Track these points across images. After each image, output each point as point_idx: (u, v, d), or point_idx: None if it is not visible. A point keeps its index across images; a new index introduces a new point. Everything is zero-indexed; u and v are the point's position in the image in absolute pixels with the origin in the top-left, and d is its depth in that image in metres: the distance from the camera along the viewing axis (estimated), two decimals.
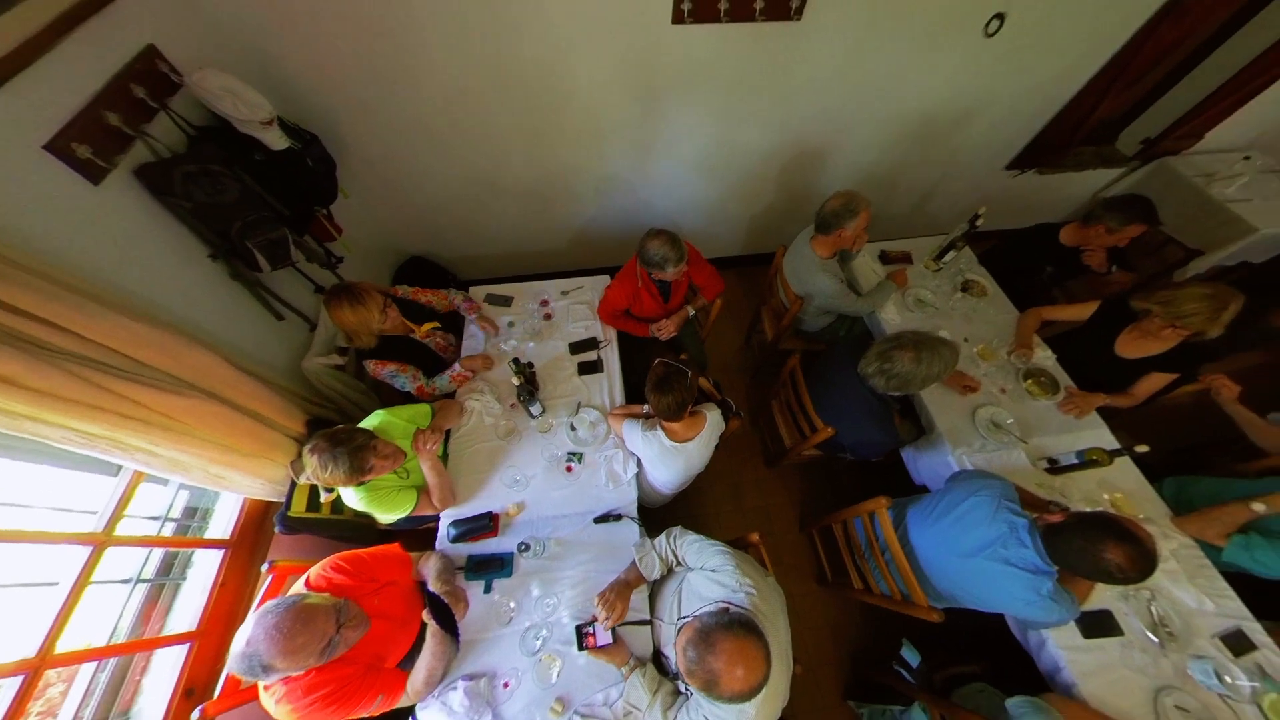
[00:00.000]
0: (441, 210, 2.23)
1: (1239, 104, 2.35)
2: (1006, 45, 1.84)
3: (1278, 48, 2.09)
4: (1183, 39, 2.00)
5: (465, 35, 1.52)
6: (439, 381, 1.61)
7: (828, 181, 2.43)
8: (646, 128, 1.97)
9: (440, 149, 1.91)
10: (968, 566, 1.23)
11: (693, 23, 1.57)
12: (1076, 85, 2.13)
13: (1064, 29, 1.85)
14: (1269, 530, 1.28)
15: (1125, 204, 1.71)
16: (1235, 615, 1.27)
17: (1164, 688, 1.17)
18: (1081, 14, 1.80)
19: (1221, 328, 1.36)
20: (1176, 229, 2.51)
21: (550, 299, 1.93)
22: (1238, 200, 2.44)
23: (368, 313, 1.39)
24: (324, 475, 1.10)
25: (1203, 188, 2.51)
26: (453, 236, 2.42)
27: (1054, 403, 1.64)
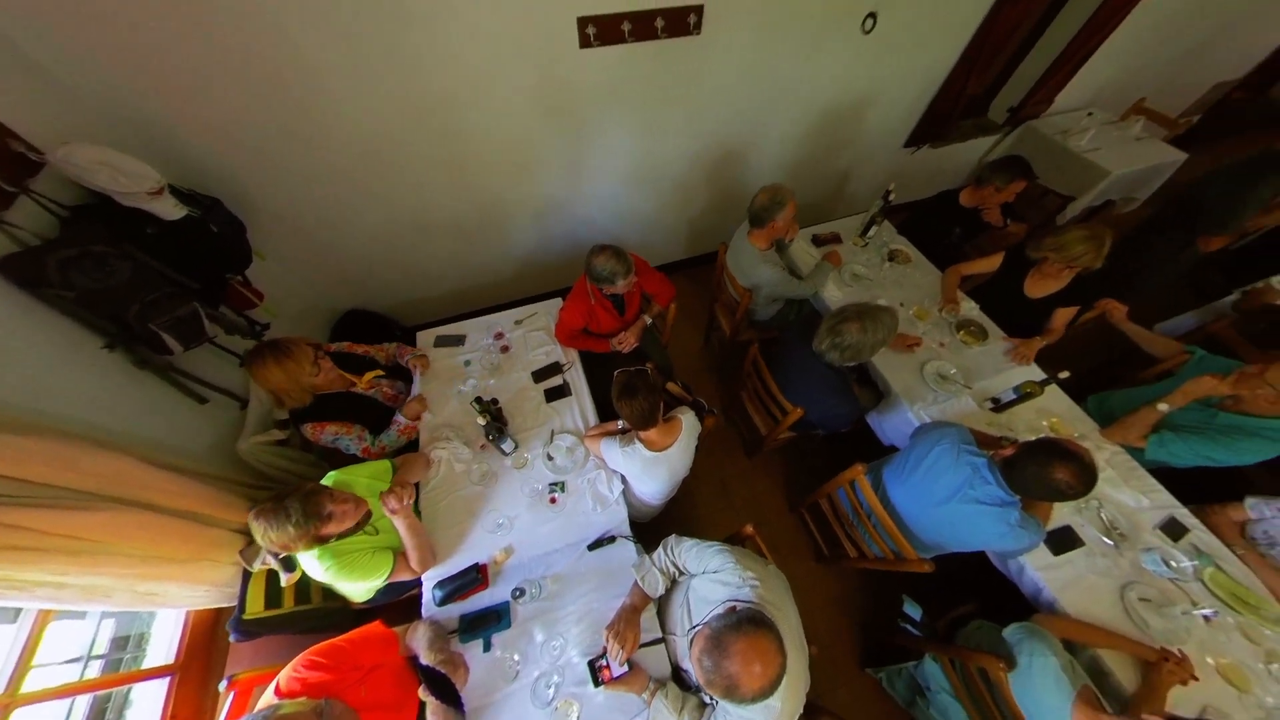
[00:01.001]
0: (372, 258, 2.12)
1: (1075, 69, 2.75)
2: (883, 40, 2.06)
3: (1096, 18, 2.48)
4: (1021, 19, 2.33)
5: (368, 77, 1.48)
6: (386, 439, 1.51)
7: (753, 178, 2.56)
8: (574, 149, 2.00)
9: (361, 195, 1.83)
10: (944, 513, 1.31)
11: (600, 45, 1.62)
12: (946, 68, 2.41)
13: (926, 22, 2.10)
14: (1176, 425, 1.46)
15: (1006, 164, 1.94)
16: (1166, 505, 1.44)
17: (1127, 584, 1.30)
18: (937, 8, 2.06)
19: (1103, 259, 1.57)
20: (1050, 180, 2.88)
21: (505, 331, 1.88)
22: (1090, 150, 2.84)
23: (297, 366, 1.28)
24: (276, 536, 0.97)
25: (1062, 143, 2.91)
26: (388, 283, 2.31)
27: (986, 349, 1.81)
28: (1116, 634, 1.22)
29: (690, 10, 1.64)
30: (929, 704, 1.46)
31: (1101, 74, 2.90)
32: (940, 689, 1.40)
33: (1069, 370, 1.55)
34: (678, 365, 2.24)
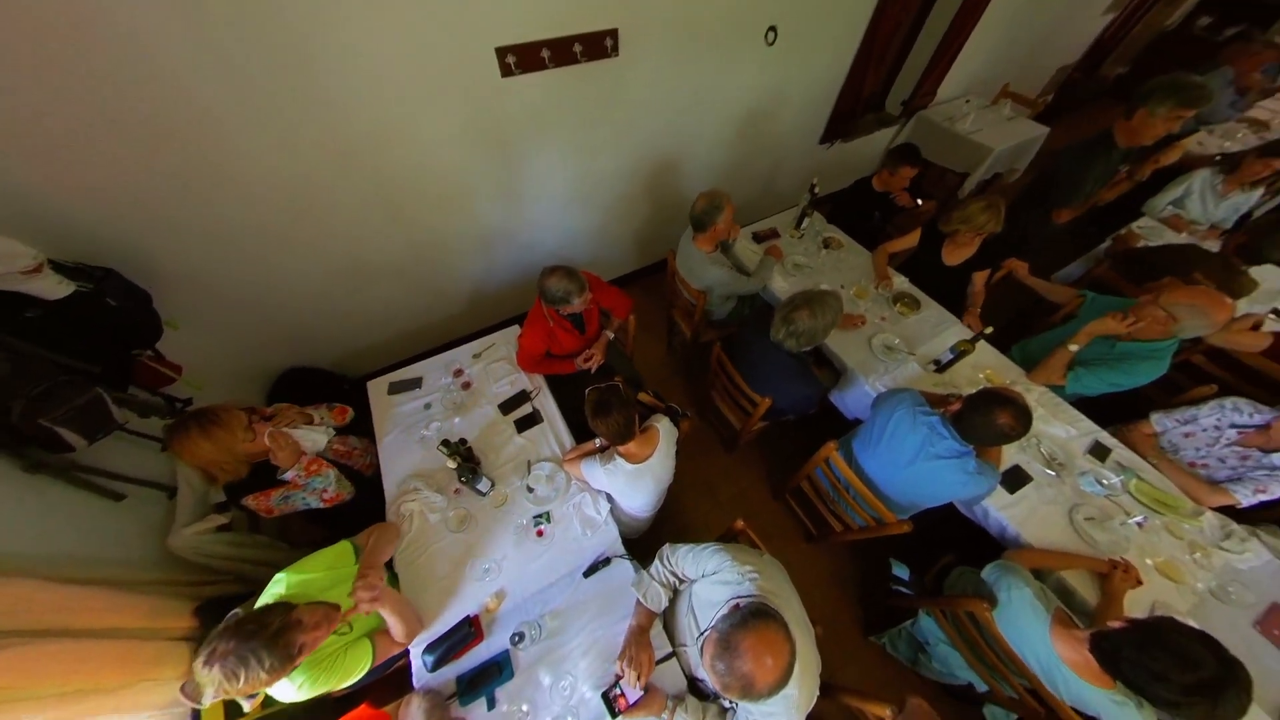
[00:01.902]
0: (306, 311, 1.98)
1: (949, 64, 3.12)
2: (785, 50, 2.24)
3: (958, 19, 2.84)
4: (899, 24, 2.62)
5: (279, 125, 1.40)
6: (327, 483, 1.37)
7: (689, 185, 2.67)
8: (510, 176, 1.99)
9: (285, 247, 1.71)
10: (911, 473, 1.40)
11: (521, 73, 1.64)
12: (843, 71, 2.66)
13: (820, 31, 2.31)
14: (1086, 360, 1.66)
15: (895, 152, 2.17)
16: (1090, 432, 1.62)
17: (1072, 508, 1.44)
18: (826, 18, 2.28)
19: (1002, 224, 1.78)
20: (946, 161, 3.25)
21: (463, 367, 1.82)
22: (974, 131, 3.23)
23: (228, 435, 1.14)
24: (239, 686, 0.82)
25: (949, 128, 3.28)
26: (328, 335, 2.16)
27: (922, 317, 1.97)
28: (1073, 555, 1.35)
29: (605, 34, 1.71)
30: (930, 658, 1.53)
31: (971, 66, 3.33)
32: (938, 641, 1.47)
33: (991, 325, 1.73)
34: (645, 374, 2.25)
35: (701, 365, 2.10)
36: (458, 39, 1.48)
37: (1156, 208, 2.52)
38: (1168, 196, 2.50)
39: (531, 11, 1.53)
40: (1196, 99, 1.63)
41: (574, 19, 1.62)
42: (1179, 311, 1.45)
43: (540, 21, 1.57)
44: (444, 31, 1.44)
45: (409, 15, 1.36)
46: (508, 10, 1.49)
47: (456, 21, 1.44)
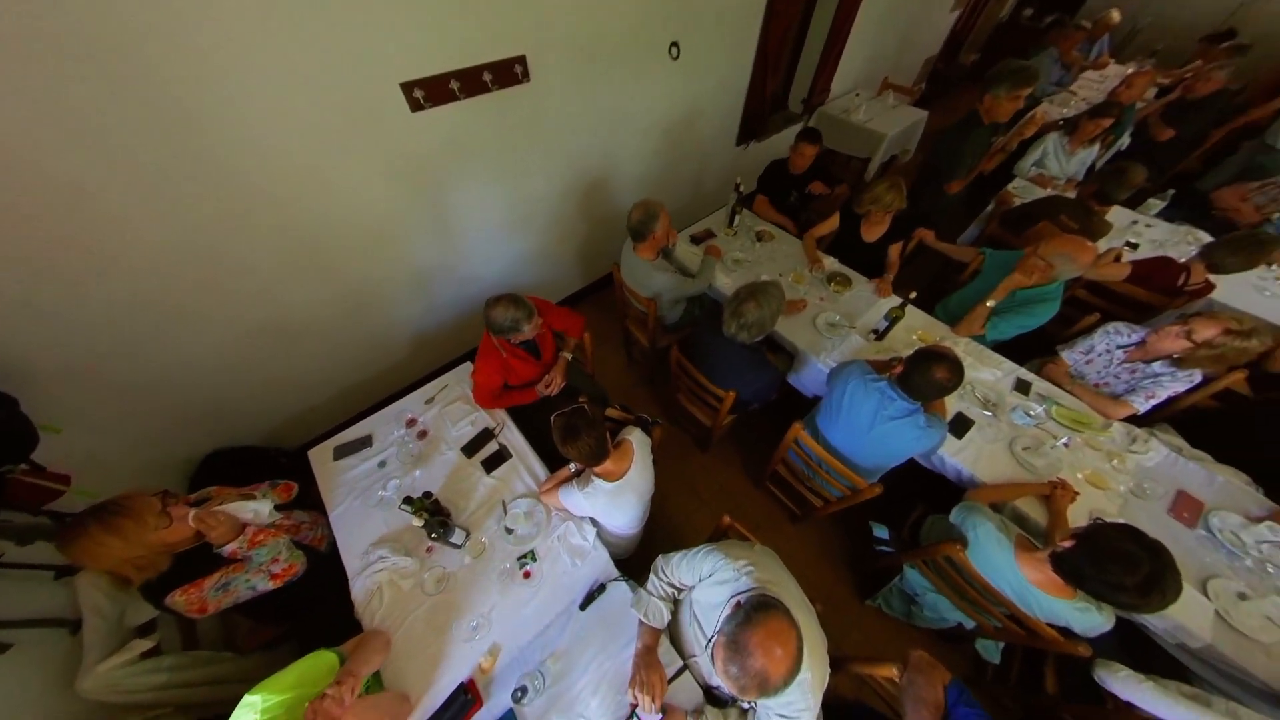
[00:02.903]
0: (223, 385, 1.77)
1: (836, 63, 3.45)
2: (690, 63, 2.36)
3: (836, 23, 3.15)
4: (787, 29, 2.86)
5: (165, 191, 1.26)
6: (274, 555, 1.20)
7: (622, 198, 2.72)
8: (437, 211, 1.92)
9: (186, 320, 1.53)
10: (872, 437, 1.49)
11: (432, 107, 1.60)
12: (745, 78, 2.85)
13: (716, 44, 2.47)
14: (1001, 310, 1.86)
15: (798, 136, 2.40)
16: (1012, 371, 1.82)
17: (1011, 441, 1.60)
18: (721, 33, 2.43)
19: (906, 200, 1.98)
20: (849, 148, 3.55)
21: (416, 415, 1.70)
22: (867, 120, 3.58)
23: (136, 524, 0.97)
24: None
25: (846, 119, 3.61)
26: (255, 408, 1.94)
27: (855, 292, 2.12)
28: (1019, 484, 1.49)
29: (514, 61, 1.71)
30: (922, 607, 1.62)
31: (854, 64, 3.70)
32: (925, 590, 1.56)
33: (915, 290, 1.90)
34: (609, 388, 2.23)
35: (663, 371, 2.12)
36: (358, 80, 1.41)
37: (1024, 169, 2.91)
38: (1030, 159, 2.90)
39: (434, 44, 1.50)
40: (1027, 80, 1.93)
41: (480, 49, 1.61)
42: (1054, 259, 1.67)
43: (444, 54, 1.54)
44: (341, 74, 1.37)
45: (299, 62, 1.28)
46: (409, 45, 1.45)
47: (353, 62, 1.38)
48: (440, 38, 1.50)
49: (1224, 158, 3.29)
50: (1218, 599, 1.26)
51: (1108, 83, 3.82)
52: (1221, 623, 1.23)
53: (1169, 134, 3.07)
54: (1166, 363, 1.59)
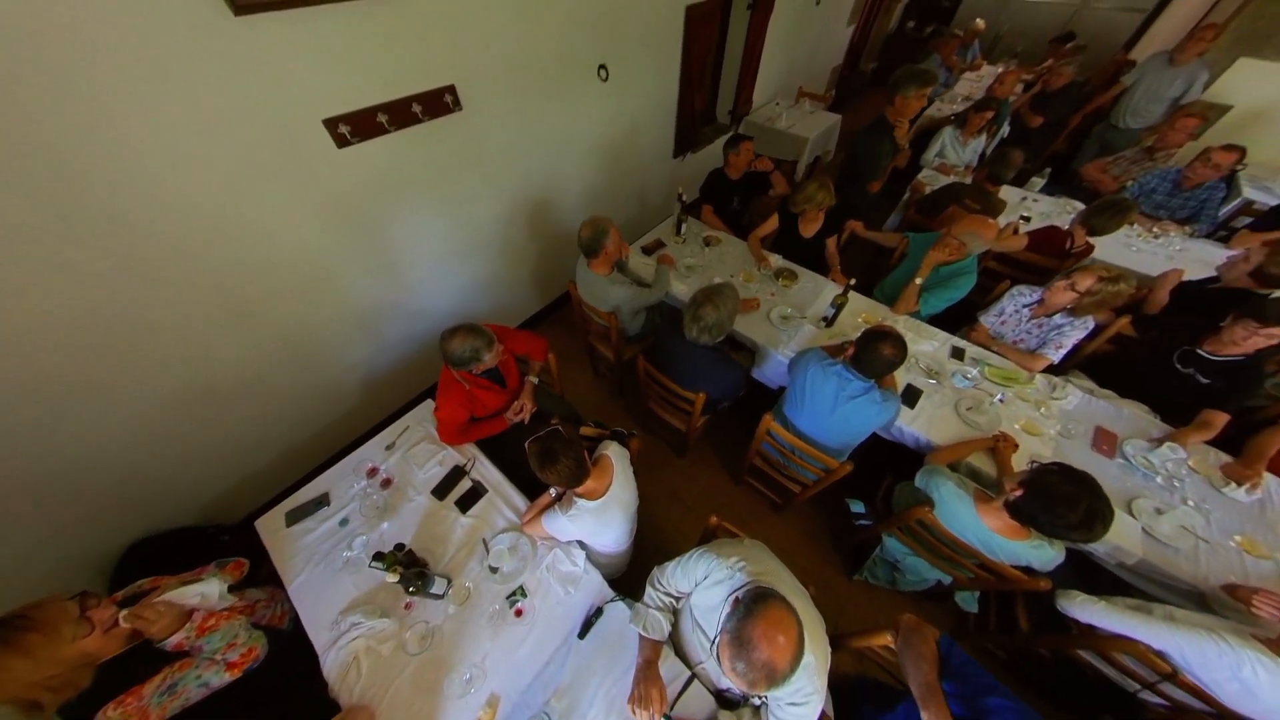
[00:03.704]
0: (144, 462, 1.57)
1: (755, 76, 3.70)
2: (620, 83, 2.45)
3: (749, 40, 3.39)
4: (706, 49, 3.04)
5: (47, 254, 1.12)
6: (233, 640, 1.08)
7: (570, 216, 2.73)
8: (377, 247, 1.84)
9: (96, 394, 1.35)
10: (836, 418, 1.58)
11: (360, 141, 1.55)
12: (674, 94, 2.99)
13: (642, 65, 2.58)
14: (930, 286, 2.05)
15: (727, 143, 2.51)
16: (946, 340, 1.99)
17: (955, 404, 1.74)
18: (647, 51, 2.55)
19: (834, 197, 2.15)
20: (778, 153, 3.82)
21: (377, 464, 1.59)
22: (790, 126, 3.85)
23: (48, 639, 0.84)
24: None
25: (771, 126, 3.87)
26: (186, 481, 1.74)
27: (801, 285, 2.25)
28: (969, 441, 1.62)
29: (444, 91, 1.69)
30: (904, 572, 1.71)
31: (771, 75, 3.98)
32: (904, 555, 1.65)
33: (854, 277, 2.05)
34: (581, 407, 2.21)
35: (632, 382, 2.13)
36: (274, 119, 1.34)
37: (928, 160, 3.26)
38: (932, 151, 3.25)
39: (357, 78, 1.46)
40: (928, 81, 2.20)
41: (406, 80, 1.58)
42: (965, 238, 1.89)
43: (369, 87, 1.50)
44: (255, 113, 1.30)
45: (205, 103, 1.20)
46: (330, 80, 1.40)
47: (268, 101, 1.31)
48: (364, 71, 1.46)
49: (1083, 139, 3.85)
50: (1141, 517, 1.43)
51: (984, 81, 4.38)
52: (1147, 537, 1.39)
53: (1038, 121, 3.56)
54: (1064, 314, 1.82)
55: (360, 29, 1.39)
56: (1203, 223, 2.69)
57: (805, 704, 0.93)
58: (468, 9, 1.62)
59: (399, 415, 1.75)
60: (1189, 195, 2.68)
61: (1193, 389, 1.71)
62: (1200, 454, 1.59)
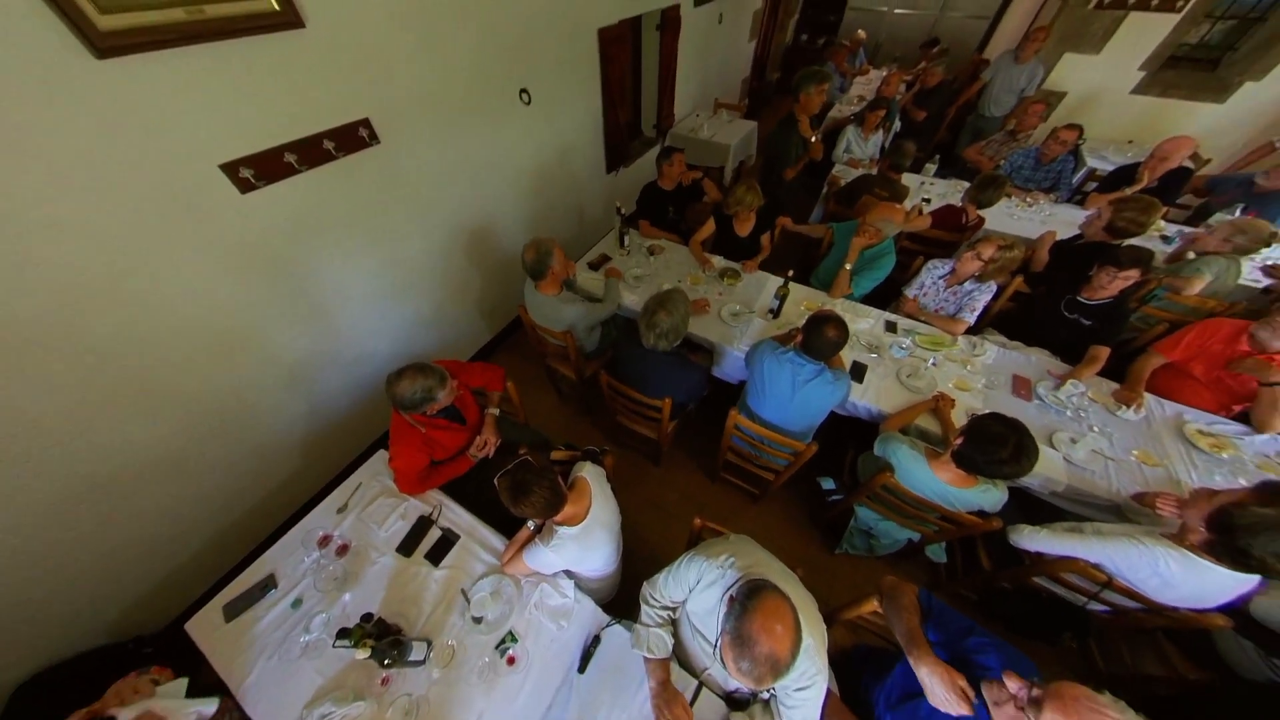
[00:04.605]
0: (25, 584, 1.31)
1: (672, 92, 3.88)
2: (542, 106, 2.47)
3: (663, 58, 3.55)
4: (622, 69, 3.14)
5: None
6: None
7: (511, 241, 2.69)
8: (302, 295, 1.70)
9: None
10: (796, 403, 1.65)
11: (267, 184, 1.43)
12: (598, 113, 3.06)
13: (563, 86, 2.62)
14: (858, 270, 2.23)
15: (660, 155, 2.60)
16: (879, 316, 2.17)
17: (897, 373, 1.89)
18: (564, 76, 2.59)
19: (762, 197, 2.28)
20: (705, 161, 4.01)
21: (329, 530, 1.44)
22: (712, 135, 4.07)
23: None
24: None
25: (695, 136, 4.06)
26: (86, 597, 1.47)
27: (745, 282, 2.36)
28: (913, 406, 1.76)
29: (358, 125, 1.62)
30: (879, 537, 1.81)
31: (688, 89, 4.20)
32: (876, 521, 1.75)
33: (792, 269, 2.19)
34: (548, 431, 2.15)
35: (597, 399, 2.11)
36: (165, 169, 1.21)
37: (839, 156, 3.57)
38: (840, 148, 3.58)
39: (258, 118, 1.36)
40: (825, 78, 2.54)
41: (315, 116, 1.49)
42: (879, 223, 2.10)
43: (271, 126, 1.40)
44: (141, 166, 1.17)
45: (80, 159, 1.06)
46: (224, 122, 1.29)
47: (154, 150, 1.18)
48: (263, 110, 1.36)
49: (960, 128, 4.41)
50: (1060, 447, 1.62)
51: (873, 84, 4.91)
52: (1068, 465, 1.58)
53: (922, 115, 4.06)
54: (973, 281, 2.05)
55: (253, 65, 1.29)
56: (1062, 190, 3.16)
57: (810, 686, 0.95)
58: (372, 41, 1.56)
59: (349, 473, 1.61)
60: (1048, 168, 3.15)
61: (1079, 331, 1.98)
62: (1095, 386, 1.84)
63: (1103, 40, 4.03)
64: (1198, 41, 3.89)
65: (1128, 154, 3.69)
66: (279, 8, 1.26)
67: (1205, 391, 1.80)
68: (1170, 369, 1.87)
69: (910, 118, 4.09)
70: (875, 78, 5.13)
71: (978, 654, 0.93)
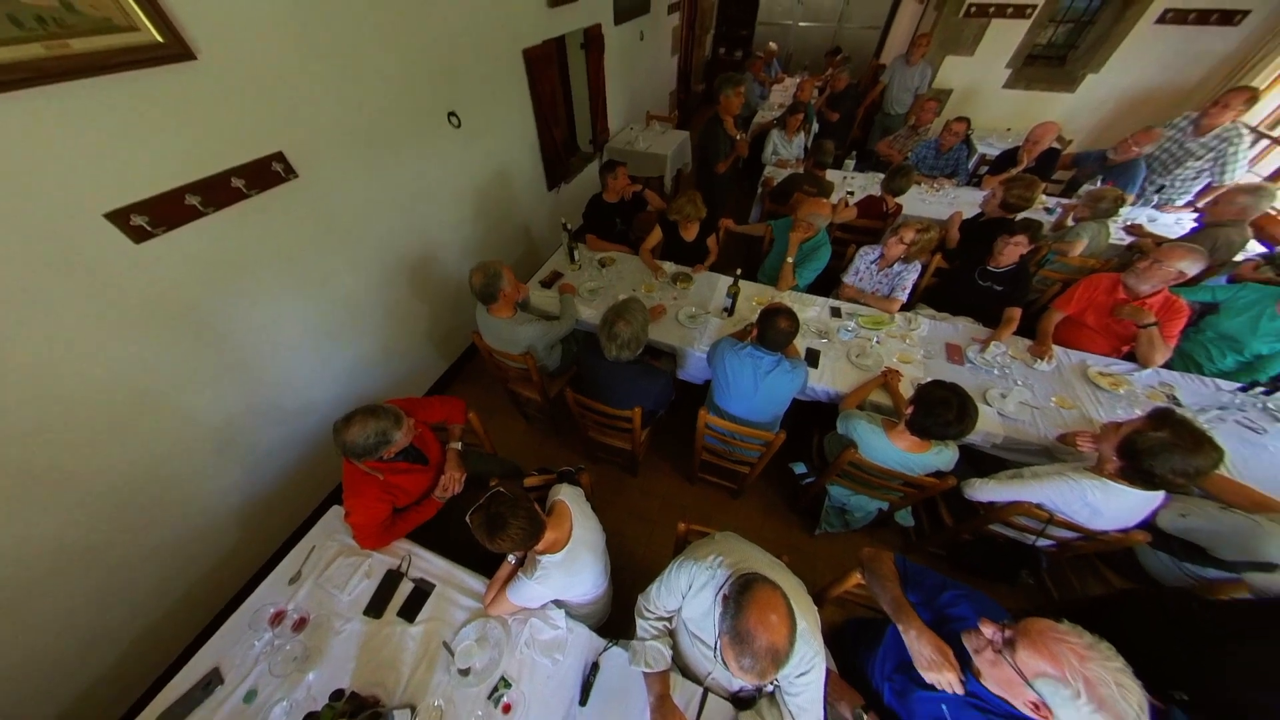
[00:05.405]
0: None
1: (604, 108, 3.95)
2: (474, 128, 2.42)
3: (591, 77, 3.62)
4: (552, 88, 3.16)
5: None
6: None
7: (457, 267, 2.59)
8: (223, 349, 1.54)
9: None
10: (760, 394, 1.71)
11: (166, 231, 1.29)
12: (532, 131, 3.05)
13: (494, 107, 2.58)
14: (799, 263, 2.36)
15: (602, 170, 2.67)
16: (824, 303, 2.30)
17: (847, 354, 2.02)
18: (493, 96, 2.56)
19: (702, 208, 2.38)
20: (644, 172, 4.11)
21: (281, 605, 1.29)
22: (648, 147, 4.18)
23: None
24: None
25: (632, 149, 4.15)
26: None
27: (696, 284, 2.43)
28: (865, 384, 1.88)
29: (270, 159, 1.50)
30: (852, 512, 1.90)
31: (620, 104, 4.29)
32: (848, 496, 1.84)
33: (740, 268, 2.27)
34: (519, 458, 2.07)
35: (566, 417, 2.07)
36: (35, 226, 1.06)
37: (768, 159, 3.79)
38: (768, 150, 3.81)
39: (147, 160, 1.22)
40: (740, 81, 2.78)
41: (218, 154, 1.37)
42: (810, 218, 2.25)
43: (167, 168, 1.26)
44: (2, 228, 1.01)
45: None
46: (106, 168, 1.15)
47: (19, 207, 1.03)
48: (158, 150, 1.23)
49: (870, 126, 4.85)
50: (994, 403, 1.79)
51: (789, 91, 5.28)
52: (1003, 418, 1.75)
53: (835, 116, 4.43)
54: (901, 263, 2.24)
55: (140, 103, 1.17)
56: (961, 175, 3.56)
57: (810, 669, 0.97)
58: (278, 70, 1.47)
59: (299, 537, 1.46)
60: (947, 157, 3.54)
61: (994, 296, 2.22)
62: (1013, 344, 2.06)
63: (974, 44, 4.61)
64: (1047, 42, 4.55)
65: (1008, 140, 4.21)
66: (163, 39, 1.15)
67: (1099, 338, 2.07)
68: (1069, 322, 2.13)
69: (825, 119, 4.45)
70: (791, 85, 5.52)
71: (952, 607, 0.99)
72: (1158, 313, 1.87)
